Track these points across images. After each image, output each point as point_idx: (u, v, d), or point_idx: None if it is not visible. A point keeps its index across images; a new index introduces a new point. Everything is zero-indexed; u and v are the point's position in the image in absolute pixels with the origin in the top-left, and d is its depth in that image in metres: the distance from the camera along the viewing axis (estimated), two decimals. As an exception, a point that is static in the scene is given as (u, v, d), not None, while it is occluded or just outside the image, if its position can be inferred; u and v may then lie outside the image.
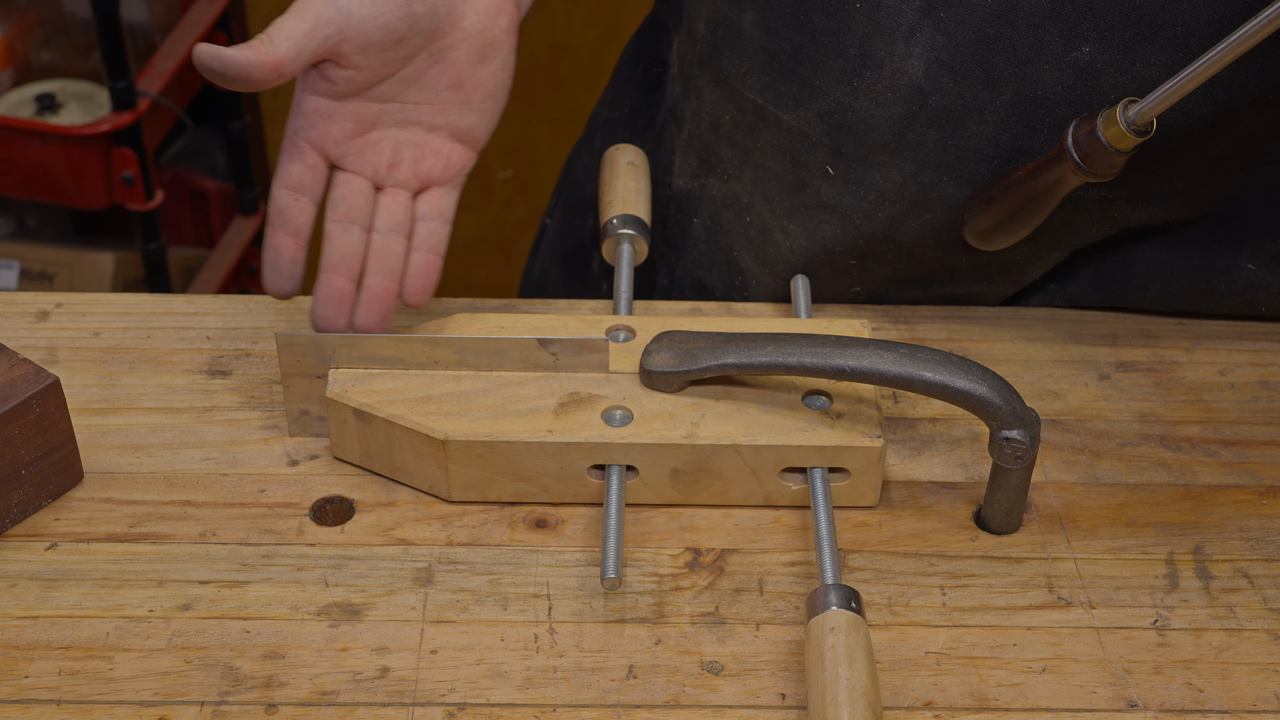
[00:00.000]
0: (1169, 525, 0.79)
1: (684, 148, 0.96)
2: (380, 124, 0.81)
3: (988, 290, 0.92)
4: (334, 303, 0.79)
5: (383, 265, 0.80)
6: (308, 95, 0.79)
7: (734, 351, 0.78)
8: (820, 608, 0.69)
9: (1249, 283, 0.89)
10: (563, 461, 0.78)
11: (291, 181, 0.79)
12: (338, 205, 0.80)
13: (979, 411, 0.74)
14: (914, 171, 0.85)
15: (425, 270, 0.81)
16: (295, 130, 0.80)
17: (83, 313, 0.90)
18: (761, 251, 0.92)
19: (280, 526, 0.78)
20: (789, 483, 0.79)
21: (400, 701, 0.70)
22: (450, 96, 0.81)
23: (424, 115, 0.81)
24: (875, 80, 0.83)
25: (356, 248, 0.80)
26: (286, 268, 0.79)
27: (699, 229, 0.96)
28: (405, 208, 0.81)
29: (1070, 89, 0.80)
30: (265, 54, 0.75)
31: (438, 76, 0.80)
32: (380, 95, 0.80)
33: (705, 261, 0.97)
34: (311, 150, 0.80)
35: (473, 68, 0.81)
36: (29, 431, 0.76)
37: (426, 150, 0.82)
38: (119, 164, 1.88)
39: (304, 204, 0.79)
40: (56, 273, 2.06)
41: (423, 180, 0.82)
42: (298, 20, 0.76)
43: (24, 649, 0.72)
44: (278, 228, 0.79)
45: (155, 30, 2.00)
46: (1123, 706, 0.70)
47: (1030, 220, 0.81)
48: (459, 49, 0.80)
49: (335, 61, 0.78)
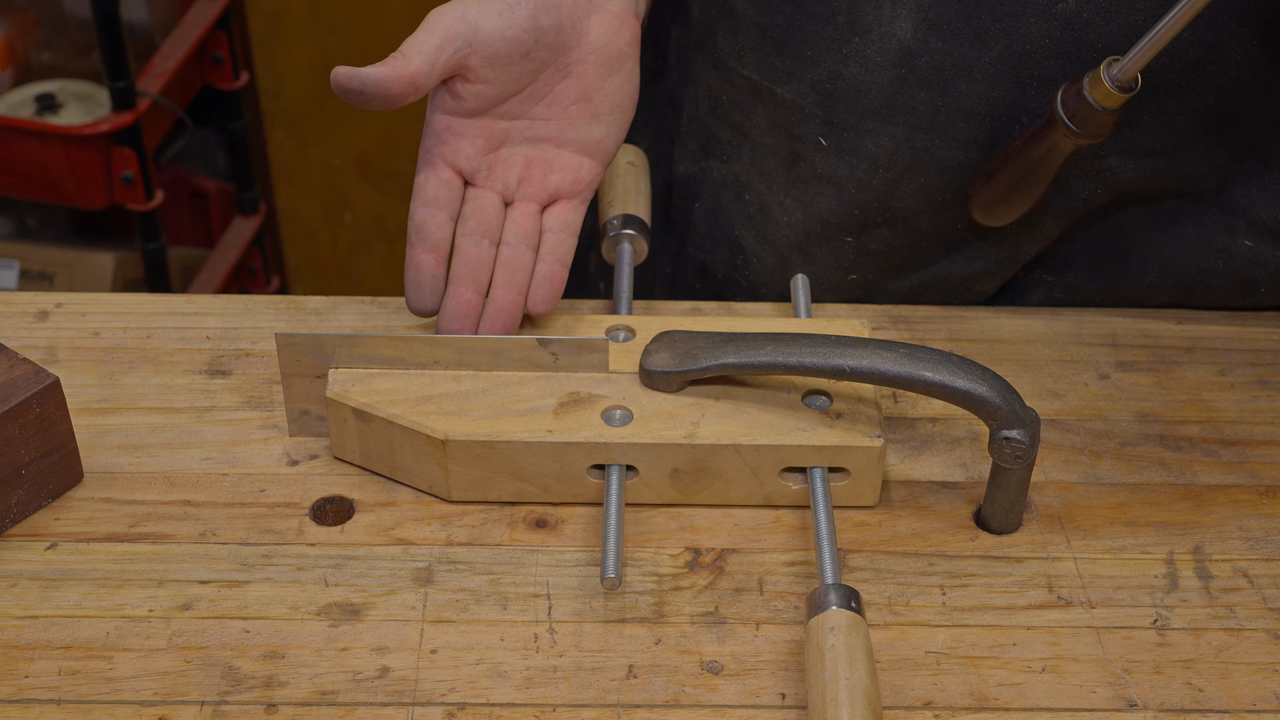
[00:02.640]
0: (1169, 525, 0.79)
1: (683, 133, 0.97)
2: (510, 140, 0.83)
3: (984, 271, 0.92)
4: (461, 315, 0.80)
5: (510, 278, 0.81)
6: (438, 114, 0.81)
7: (734, 351, 0.78)
8: (820, 607, 0.69)
9: (1247, 259, 0.89)
10: (562, 461, 0.78)
11: (428, 198, 0.81)
12: (469, 220, 0.82)
13: (979, 411, 0.74)
14: (906, 136, 0.86)
15: (550, 280, 0.82)
16: (429, 149, 0.82)
17: (83, 313, 0.90)
18: (761, 228, 0.93)
19: (280, 526, 0.78)
20: (789, 482, 0.79)
21: (400, 701, 0.70)
22: (579, 110, 0.83)
23: (553, 131, 0.83)
24: (864, 46, 0.84)
25: (485, 261, 0.81)
26: (428, 284, 0.80)
27: (700, 212, 0.97)
28: (534, 220, 0.83)
29: (1058, 41, 0.81)
30: (401, 69, 0.77)
31: (565, 91, 0.82)
32: (509, 112, 0.82)
33: (707, 244, 0.97)
34: (446, 166, 0.81)
35: (600, 80, 0.83)
36: (29, 431, 0.76)
37: (556, 165, 0.83)
38: (119, 164, 1.88)
39: (441, 219, 0.81)
40: (56, 273, 2.05)
41: (551, 194, 0.84)
42: (428, 35, 0.78)
43: (24, 649, 0.72)
44: (417, 244, 0.80)
45: (155, 30, 2.00)
46: (1122, 706, 0.70)
47: (1032, 190, 0.82)
48: (586, 63, 0.82)
49: (464, 76, 0.80)
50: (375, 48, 2.23)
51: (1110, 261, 0.91)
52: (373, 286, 2.46)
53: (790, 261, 0.94)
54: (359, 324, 0.90)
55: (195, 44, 1.98)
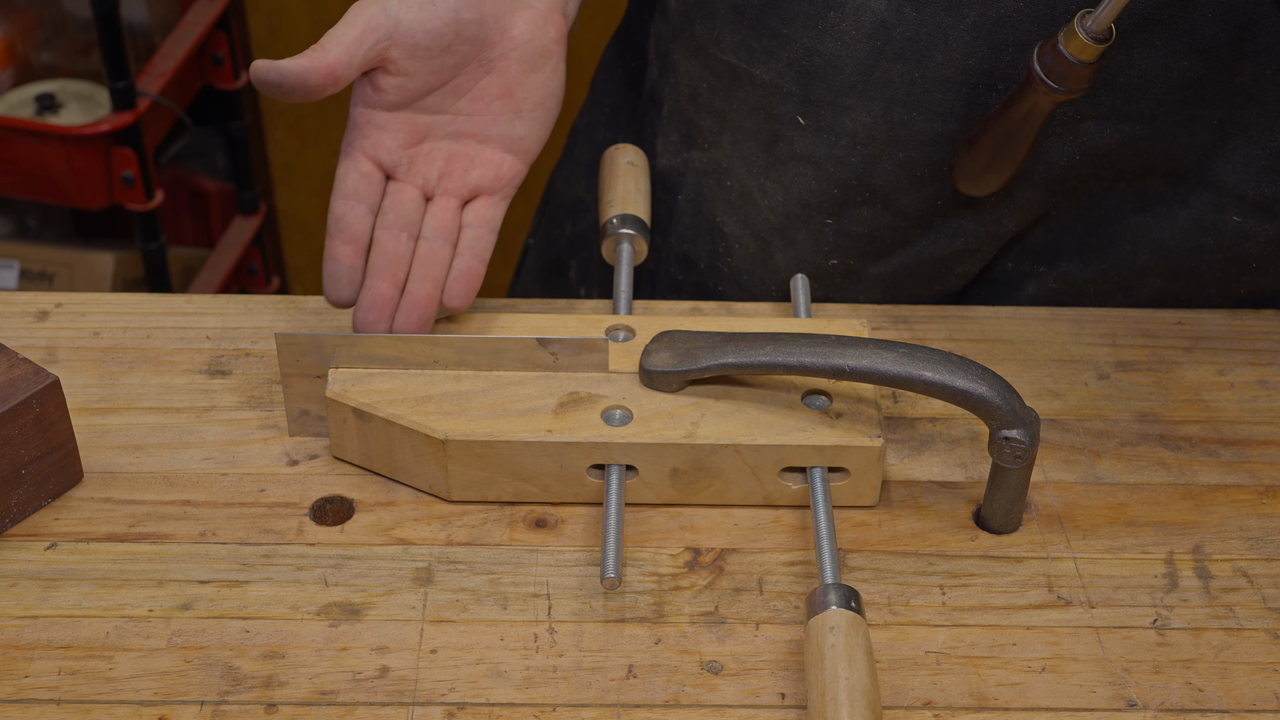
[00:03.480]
0: (1168, 525, 0.79)
1: (664, 126, 0.98)
2: (432, 135, 0.83)
3: (965, 250, 0.92)
4: (376, 308, 0.80)
5: (427, 271, 0.81)
6: (359, 107, 0.82)
7: (734, 351, 0.78)
8: (820, 607, 0.69)
9: (1236, 233, 0.89)
10: (562, 461, 0.78)
11: (348, 190, 0.81)
12: (388, 213, 0.82)
13: (979, 411, 0.74)
14: (883, 111, 0.86)
15: (467, 275, 0.82)
16: (350, 141, 0.82)
17: (82, 313, 0.90)
18: (742, 213, 0.94)
19: (280, 526, 0.78)
20: (789, 482, 0.79)
21: (400, 701, 0.70)
22: (501, 106, 0.83)
23: (476, 126, 0.83)
24: (840, 20, 0.85)
25: (403, 254, 0.81)
26: (345, 275, 0.80)
27: (683, 204, 0.98)
28: (453, 215, 0.83)
29: (1032, 5, 0.81)
30: (319, 60, 0.78)
31: (488, 86, 0.83)
32: (432, 107, 0.82)
33: (690, 235, 0.98)
34: (366, 159, 0.82)
35: (523, 76, 0.83)
36: (29, 431, 0.76)
37: (477, 160, 0.84)
38: (119, 164, 1.88)
39: (361, 212, 0.81)
40: (56, 273, 2.06)
41: (472, 189, 0.84)
42: (348, 27, 0.79)
43: (24, 649, 0.72)
44: (335, 236, 0.80)
45: (155, 30, 2.00)
46: (1122, 706, 0.70)
47: (1015, 154, 0.83)
48: (509, 58, 0.82)
49: (385, 69, 0.80)
50: (375, 48, 2.23)
51: (1100, 247, 0.91)
52: (372, 286, 2.45)
53: (771, 245, 0.94)
54: (359, 324, 0.90)
55: (195, 44, 1.98)
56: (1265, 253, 0.90)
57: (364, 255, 0.81)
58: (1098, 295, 0.93)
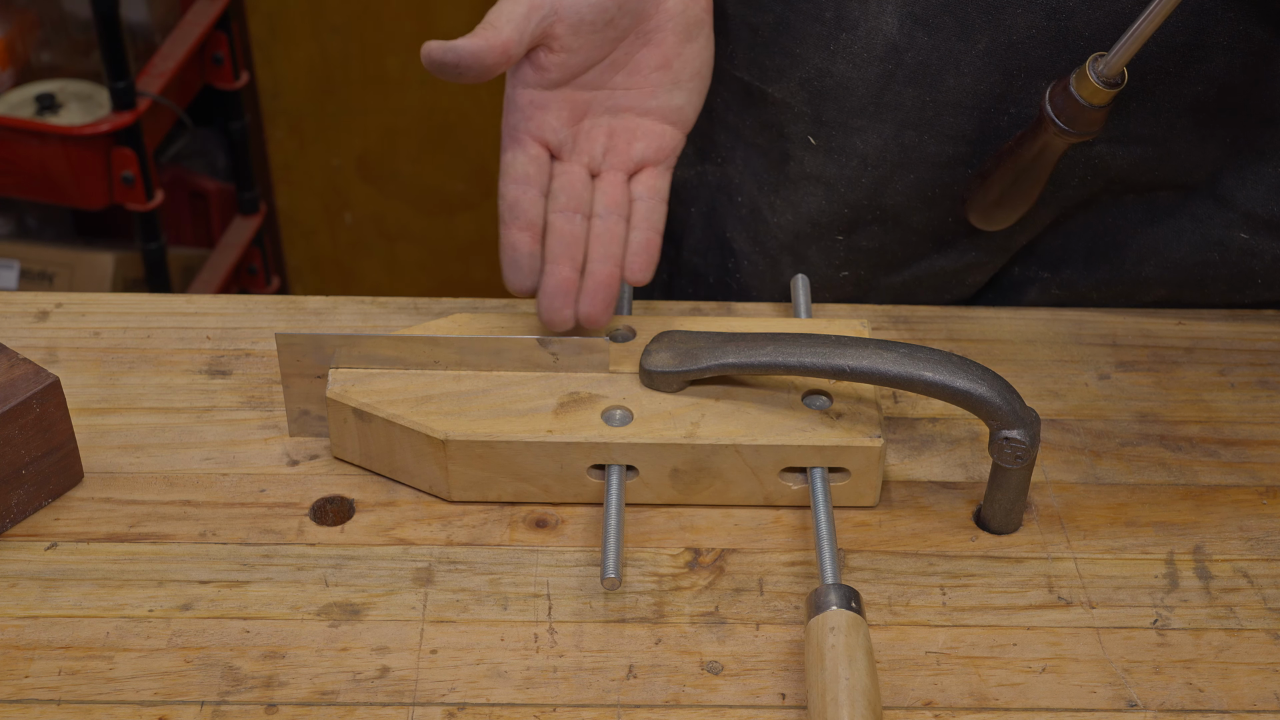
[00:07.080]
0: (1169, 525, 0.79)
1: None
2: (593, 111, 0.82)
3: (976, 263, 0.92)
4: (561, 293, 0.78)
5: (606, 251, 0.80)
6: (521, 89, 0.80)
7: (734, 351, 0.78)
8: (820, 607, 0.69)
9: (1243, 251, 0.89)
10: (562, 461, 0.78)
11: (519, 175, 0.79)
12: (559, 196, 0.80)
13: (979, 411, 0.74)
14: (894, 133, 0.86)
15: (647, 248, 0.81)
16: (514, 125, 0.80)
17: (83, 313, 0.90)
18: (752, 230, 0.94)
19: (280, 526, 0.78)
20: (789, 482, 0.79)
21: (400, 701, 0.70)
22: (659, 78, 0.82)
23: (634, 100, 0.82)
24: (851, 41, 0.85)
25: (580, 236, 0.80)
26: (526, 262, 0.78)
27: (696, 217, 0.97)
28: (623, 190, 0.82)
29: (1044, 31, 0.81)
30: (493, 38, 0.76)
31: (646, 58, 0.82)
32: (591, 83, 0.81)
33: (700, 248, 0.98)
34: (533, 142, 0.80)
35: (679, 47, 0.82)
36: (29, 431, 0.76)
37: (639, 133, 0.83)
38: (119, 164, 1.88)
39: (533, 196, 0.79)
40: (56, 273, 2.06)
41: (637, 162, 0.83)
42: (514, 4, 0.77)
43: (24, 649, 0.72)
44: (511, 223, 0.79)
45: (155, 30, 2.00)
46: (1122, 706, 0.70)
47: (1028, 192, 0.82)
48: (665, 30, 0.82)
49: (548, 46, 0.79)
50: (375, 48, 2.23)
51: (1106, 256, 0.91)
52: (373, 286, 2.46)
53: (781, 263, 0.94)
54: (359, 324, 0.90)
55: (195, 44, 1.98)
56: (1271, 270, 0.89)
57: (540, 240, 0.79)
58: (1101, 302, 0.93)
